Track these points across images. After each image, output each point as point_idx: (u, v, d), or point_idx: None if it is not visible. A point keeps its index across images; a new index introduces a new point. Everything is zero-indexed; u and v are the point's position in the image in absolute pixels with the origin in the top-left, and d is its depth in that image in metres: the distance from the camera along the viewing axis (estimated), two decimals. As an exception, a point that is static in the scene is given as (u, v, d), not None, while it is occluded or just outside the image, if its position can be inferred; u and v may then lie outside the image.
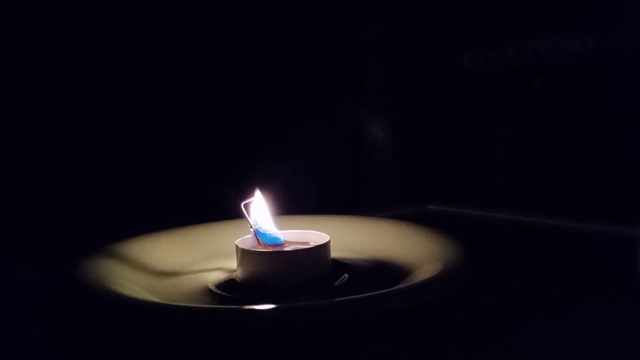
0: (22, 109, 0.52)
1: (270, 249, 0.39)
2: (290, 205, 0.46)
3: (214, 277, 0.40)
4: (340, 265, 0.41)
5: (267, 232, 0.40)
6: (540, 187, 0.62)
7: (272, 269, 0.37)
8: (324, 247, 0.38)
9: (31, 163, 0.52)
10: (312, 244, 0.39)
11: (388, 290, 0.33)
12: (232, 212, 0.42)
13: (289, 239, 0.41)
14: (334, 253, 0.40)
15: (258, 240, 0.39)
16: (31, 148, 0.52)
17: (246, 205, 0.40)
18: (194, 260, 0.43)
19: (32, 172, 0.52)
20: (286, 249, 0.40)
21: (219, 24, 0.61)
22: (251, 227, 0.39)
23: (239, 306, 0.34)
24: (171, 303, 0.35)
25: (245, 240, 0.39)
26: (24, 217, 0.51)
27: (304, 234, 0.41)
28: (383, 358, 0.30)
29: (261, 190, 0.42)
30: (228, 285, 0.38)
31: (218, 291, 0.37)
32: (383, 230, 0.46)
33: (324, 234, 0.39)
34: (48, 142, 0.53)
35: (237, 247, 0.38)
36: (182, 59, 0.59)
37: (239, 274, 0.38)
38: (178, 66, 0.59)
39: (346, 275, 0.39)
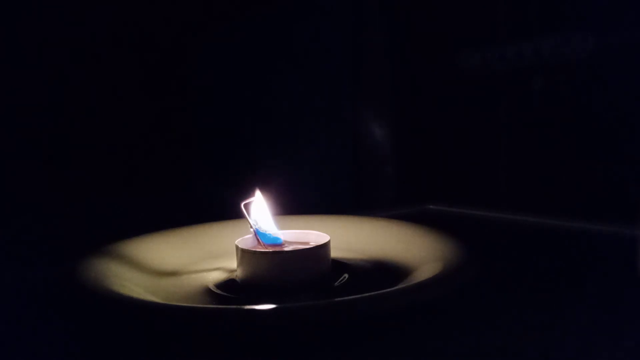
0: (22, 110, 0.52)
1: (270, 249, 0.39)
2: (290, 205, 0.46)
3: (214, 277, 0.40)
4: (340, 265, 0.41)
5: (267, 232, 0.40)
6: (540, 187, 0.62)
7: (272, 269, 0.37)
8: (324, 247, 0.38)
9: (31, 163, 0.52)
10: (312, 244, 0.39)
11: (388, 290, 0.33)
12: (232, 212, 0.42)
13: (289, 239, 0.41)
14: (334, 253, 0.40)
15: (258, 240, 0.39)
16: (31, 148, 0.52)
17: (246, 205, 0.40)
18: (194, 260, 0.43)
19: (32, 172, 0.52)
20: (286, 249, 0.40)
21: (219, 24, 0.61)
22: (251, 227, 0.39)
23: (239, 306, 0.34)
24: (171, 303, 0.35)
25: (245, 240, 0.39)
26: (24, 217, 0.51)
27: (304, 234, 0.41)
28: (383, 358, 0.30)
29: (261, 190, 0.42)
30: (228, 285, 0.38)
31: (218, 291, 0.37)
32: (383, 230, 0.46)
33: (324, 234, 0.39)
34: (48, 143, 0.53)
35: (237, 247, 0.38)
36: (181, 59, 0.59)
37: (239, 274, 0.38)
38: (178, 66, 0.59)
39: (346, 275, 0.39)
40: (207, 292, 0.37)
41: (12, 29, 0.51)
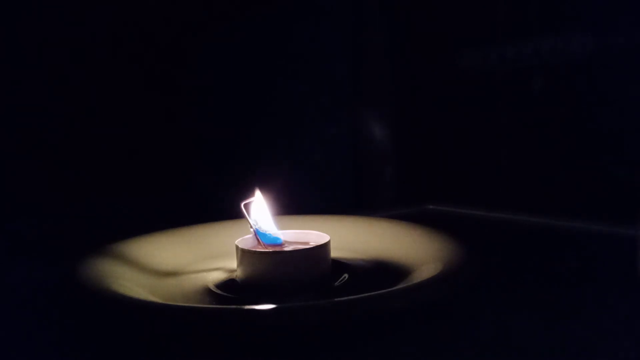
0: (22, 109, 0.52)
1: (270, 249, 0.39)
2: (290, 205, 0.46)
3: (214, 277, 0.40)
4: (340, 265, 0.41)
5: (267, 232, 0.40)
6: (540, 187, 0.62)
7: (272, 269, 0.37)
8: (324, 247, 0.38)
9: (31, 163, 0.52)
10: (312, 244, 0.39)
11: (388, 290, 0.33)
12: (232, 212, 0.42)
13: (289, 239, 0.41)
14: (334, 253, 0.40)
15: (258, 240, 0.39)
16: (31, 148, 0.52)
17: (246, 205, 0.40)
18: (194, 260, 0.43)
19: (32, 172, 0.52)
20: (286, 249, 0.40)
21: (219, 24, 0.61)
22: (251, 227, 0.39)
23: (239, 306, 0.34)
24: (171, 303, 0.35)
25: (245, 240, 0.39)
26: (24, 217, 0.51)
27: (304, 234, 0.41)
28: (383, 358, 0.30)
29: (261, 190, 0.42)
30: (228, 285, 0.38)
31: (218, 291, 0.37)
32: (383, 230, 0.46)
33: (324, 234, 0.40)
34: (48, 142, 0.53)
35: (237, 247, 0.38)
36: (181, 58, 0.59)
37: (239, 274, 0.38)
38: (178, 65, 0.59)
39: (346, 275, 0.39)
40: (207, 292, 0.37)
41: (12, 29, 0.51)
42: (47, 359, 0.31)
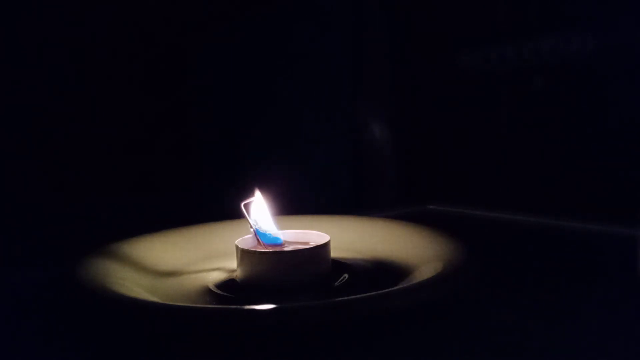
0: (22, 110, 0.52)
1: (270, 249, 0.39)
2: (290, 205, 0.46)
3: (214, 277, 0.40)
4: (340, 265, 0.41)
5: (267, 232, 0.40)
6: (540, 187, 0.62)
7: (272, 269, 0.37)
8: (324, 247, 0.38)
9: (31, 163, 0.52)
10: (312, 244, 0.39)
11: (388, 290, 0.33)
12: (232, 212, 0.42)
13: (289, 239, 0.41)
14: (334, 253, 0.40)
15: (258, 240, 0.39)
16: (32, 148, 0.52)
17: (246, 205, 0.40)
18: (194, 260, 0.43)
19: (32, 172, 0.52)
20: (286, 249, 0.40)
21: (219, 24, 0.61)
22: (251, 227, 0.39)
23: (239, 306, 0.34)
24: (171, 303, 0.35)
25: (245, 240, 0.39)
26: (24, 217, 0.51)
27: (304, 234, 0.41)
28: (383, 358, 0.30)
29: (261, 190, 0.42)
30: (228, 285, 0.38)
31: (218, 291, 0.37)
32: (383, 230, 0.46)
33: (324, 234, 0.39)
34: (48, 143, 0.53)
35: (237, 247, 0.38)
36: (182, 59, 0.59)
37: (239, 274, 0.38)
38: (178, 66, 0.59)
39: (346, 275, 0.39)
40: (207, 292, 0.37)
41: (12, 29, 0.51)
42: (47, 359, 0.31)
